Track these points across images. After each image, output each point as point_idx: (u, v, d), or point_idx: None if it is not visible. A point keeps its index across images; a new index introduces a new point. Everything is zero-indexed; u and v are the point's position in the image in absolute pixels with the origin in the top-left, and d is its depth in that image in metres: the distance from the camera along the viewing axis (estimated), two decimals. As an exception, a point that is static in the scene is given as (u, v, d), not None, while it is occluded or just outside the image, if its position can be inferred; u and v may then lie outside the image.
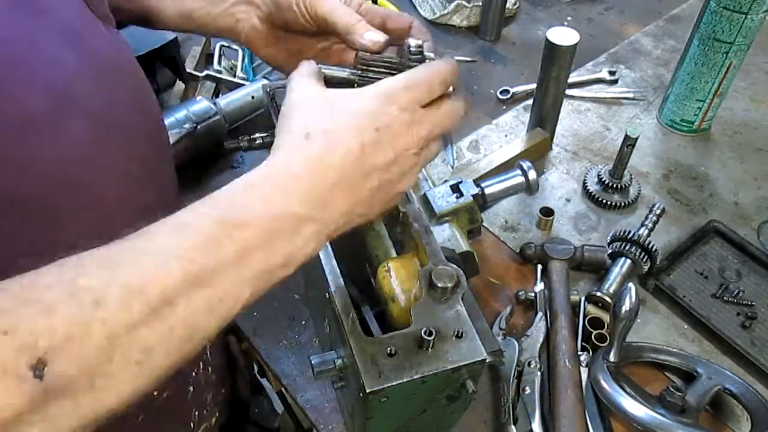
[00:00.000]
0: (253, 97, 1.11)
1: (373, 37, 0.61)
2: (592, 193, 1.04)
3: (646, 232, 0.94)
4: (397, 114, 0.52)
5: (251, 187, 0.48)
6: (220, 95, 1.16)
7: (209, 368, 0.77)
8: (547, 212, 1.00)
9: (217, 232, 0.45)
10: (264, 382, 1.22)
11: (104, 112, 0.58)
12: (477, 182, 0.88)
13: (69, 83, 0.54)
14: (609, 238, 0.94)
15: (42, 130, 0.51)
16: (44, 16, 0.54)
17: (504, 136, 1.17)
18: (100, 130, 0.57)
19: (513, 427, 0.76)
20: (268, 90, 0.69)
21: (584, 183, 1.06)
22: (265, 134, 0.81)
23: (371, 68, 0.60)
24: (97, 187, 0.57)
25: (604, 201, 1.03)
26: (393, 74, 0.56)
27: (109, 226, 0.50)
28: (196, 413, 0.76)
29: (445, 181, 0.85)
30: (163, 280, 0.42)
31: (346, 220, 0.53)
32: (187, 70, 1.17)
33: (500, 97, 1.24)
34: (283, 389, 0.87)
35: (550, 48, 0.99)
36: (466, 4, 1.36)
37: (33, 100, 0.50)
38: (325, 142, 0.51)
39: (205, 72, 1.18)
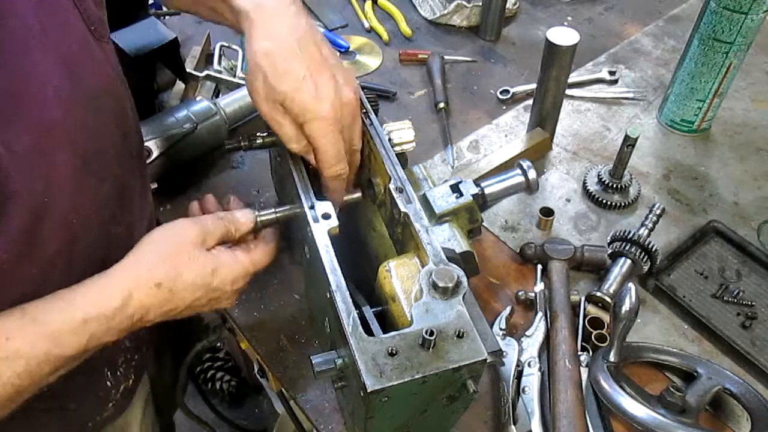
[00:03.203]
0: (253, 97, 1.10)
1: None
2: (592, 193, 1.04)
3: (646, 232, 0.94)
4: (229, 293, 0.71)
5: (84, 324, 0.59)
6: (220, 95, 1.16)
7: None
8: (547, 212, 1.00)
9: (42, 361, 0.57)
10: (264, 382, 1.21)
11: (88, 141, 0.63)
12: (477, 182, 0.88)
13: (62, 118, 0.59)
14: (609, 238, 0.94)
15: (29, 165, 0.57)
16: (50, 46, 0.58)
17: (504, 136, 1.17)
18: (83, 159, 0.63)
19: (513, 427, 0.76)
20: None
21: (584, 183, 1.06)
22: (265, 134, 0.81)
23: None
24: (76, 211, 0.64)
25: (604, 201, 1.03)
26: None
27: (80, 243, 0.63)
28: (108, 372, 0.81)
29: (445, 181, 0.85)
30: None
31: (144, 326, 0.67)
32: (187, 70, 1.17)
33: (500, 97, 1.24)
34: (283, 389, 0.87)
35: (550, 48, 0.99)
36: (466, 4, 1.36)
37: (25, 134, 0.55)
38: (169, 296, 0.65)
39: (205, 72, 1.18)
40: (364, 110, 0.80)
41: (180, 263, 0.65)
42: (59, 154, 0.60)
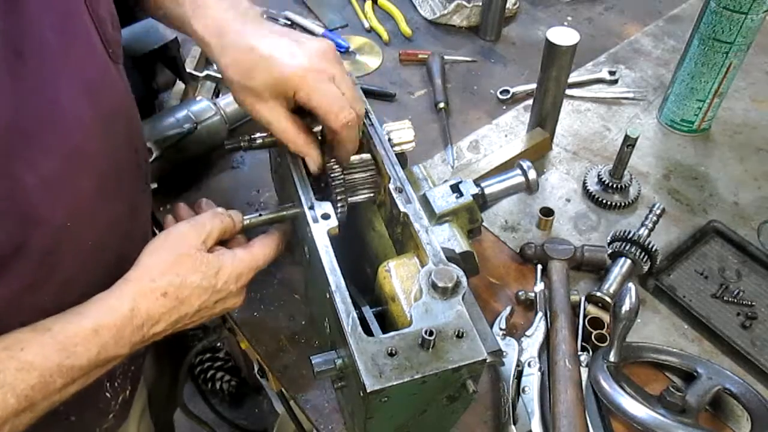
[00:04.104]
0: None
1: (310, 165, 0.74)
2: (592, 193, 1.04)
3: (646, 232, 0.94)
4: (234, 291, 0.70)
5: (95, 335, 0.59)
6: (220, 95, 1.16)
7: None
8: (547, 212, 1.00)
9: (54, 372, 0.56)
10: (264, 382, 1.21)
11: (106, 164, 0.65)
12: (477, 182, 0.88)
13: (84, 143, 0.61)
14: (609, 238, 0.94)
15: (54, 190, 0.58)
16: (72, 71, 0.60)
17: (504, 136, 1.17)
18: (101, 182, 0.65)
19: (513, 427, 0.76)
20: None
21: (584, 183, 1.06)
22: (265, 134, 0.81)
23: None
24: (95, 232, 0.65)
25: (604, 201, 1.03)
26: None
27: (98, 261, 0.64)
28: (107, 384, 0.81)
29: (445, 181, 0.85)
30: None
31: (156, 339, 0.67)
32: (187, 70, 1.17)
33: (500, 97, 1.24)
34: (283, 389, 0.87)
35: (550, 48, 0.99)
36: (466, 4, 1.36)
37: (50, 161, 0.57)
38: (176, 304, 0.65)
39: (205, 72, 1.18)
40: (364, 110, 0.80)
41: (183, 269, 0.66)
42: (81, 179, 0.62)
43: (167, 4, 0.76)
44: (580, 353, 0.82)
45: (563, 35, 0.98)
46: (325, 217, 0.69)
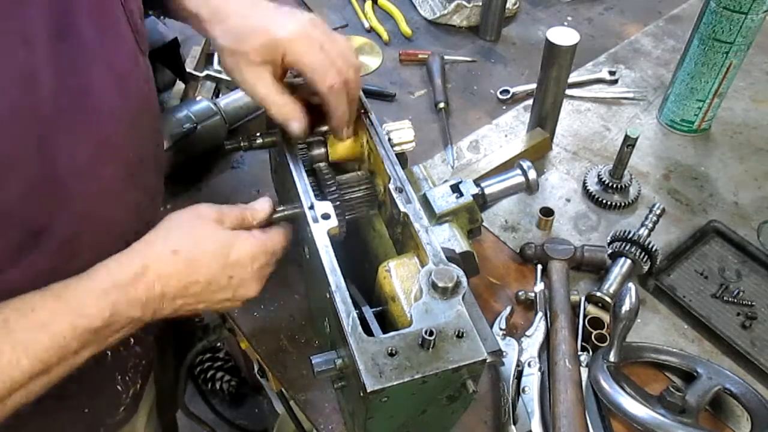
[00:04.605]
0: (253, 97, 1.10)
1: (293, 127, 0.73)
2: (592, 193, 1.04)
3: (646, 232, 0.94)
4: (249, 272, 0.68)
5: (105, 294, 0.58)
6: (220, 95, 1.16)
7: (131, 339, 0.80)
8: (547, 212, 1.00)
9: (68, 335, 0.56)
10: (264, 382, 1.21)
11: (133, 153, 0.67)
12: (477, 182, 0.88)
13: (114, 131, 0.62)
14: (609, 238, 0.94)
15: (83, 175, 0.59)
16: (103, 61, 0.61)
17: (504, 136, 1.17)
18: (128, 171, 0.66)
19: (513, 427, 0.76)
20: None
21: (584, 183, 1.06)
22: (265, 134, 0.81)
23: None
24: (115, 219, 0.66)
25: (604, 201, 1.03)
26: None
27: (116, 249, 0.62)
28: (119, 376, 0.81)
29: (445, 181, 0.85)
30: (12, 374, 0.52)
31: (173, 314, 0.66)
32: (187, 70, 1.17)
33: (500, 97, 1.24)
34: (283, 389, 0.87)
35: (550, 48, 0.99)
36: (466, 4, 1.36)
37: (83, 147, 0.59)
38: (186, 267, 0.63)
39: (205, 72, 1.18)
40: (364, 110, 0.80)
41: (197, 234, 0.66)
42: (109, 166, 0.63)
43: None
44: (580, 353, 0.82)
45: (563, 35, 0.98)
46: (325, 216, 0.69)
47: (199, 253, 0.65)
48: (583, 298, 0.88)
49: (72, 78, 0.57)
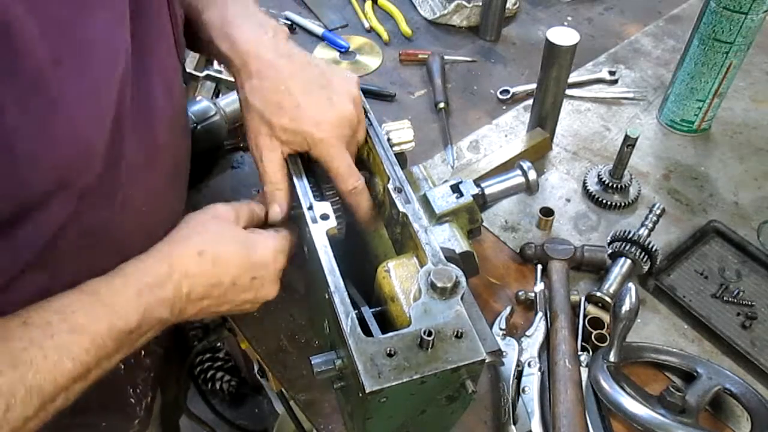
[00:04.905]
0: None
1: (275, 210, 0.75)
2: (592, 193, 1.04)
3: (646, 232, 0.93)
4: (271, 272, 0.70)
5: (138, 296, 0.60)
6: (220, 95, 1.16)
7: (142, 351, 0.81)
8: (547, 212, 1.00)
9: (105, 335, 0.56)
10: (264, 382, 1.21)
11: (176, 158, 0.69)
12: (477, 182, 0.88)
13: (163, 133, 0.64)
14: (609, 238, 0.94)
15: (139, 173, 0.61)
16: (158, 72, 0.63)
17: (504, 136, 1.17)
18: (172, 174, 0.69)
19: (513, 427, 0.76)
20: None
21: (584, 183, 1.06)
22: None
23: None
24: (159, 218, 0.68)
25: (604, 201, 1.03)
26: None
27: (151, 245, 0.65)
28: (130, 389, 0.82)
29: (445, 181, 0.85)
30: (57, 378, 0.52)
31: (196, 315, 0.67)
32: (187, 70, 1.17)
33: (500, 97, 1.24)
34: (283, 389, 0.87)
35: (550, 48, 0.99)
36: (466, 4, 1.36)
37: (141, 152, 0.61)
38: (212, 267, 0.65)
39: (205, 72, 1.18)
40: (364, 110, 0.80)
41: (219, 234, 0.67)
42: (159, 170, 0.65)
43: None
44: (580, 353, 0.82)
45: (563, 35, 0.98)
46: (324, 217, 0.69)
47: (223, 254, 0.66)
48: (583, 298, 0.88)
49: (141, 82, 0.59)
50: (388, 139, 0.79)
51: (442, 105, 1.20)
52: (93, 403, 0.66)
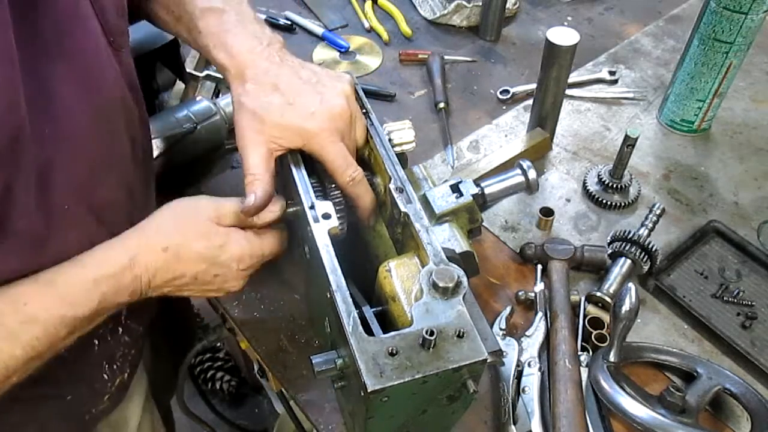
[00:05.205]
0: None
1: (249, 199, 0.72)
2: (592, 193, 1.05)
3: (646, 232, 0.94)
4: (234, 272, 0.71)
5: (96, 285, 0.62)
6: (220, 95, 1.16)
7: (120, 329, 0.82)
8: (547, 212, 1.00)
9: (57, 324, 0.59)
10: (264, 382, 1.21)
11: (101, 153, 0.66)
12: (477, 182, 0.88)
13: (75, 133, 0.62)
14: (609, 238, 0.94)
15: (49, 174, 0.59)
16: (65, 61, 0.60)
17: (504, 136, 1.17)
18: (97, 170, 0.66)
19: (513, 427, 0.76)
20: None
21: (584, 183, 1.06)
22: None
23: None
24: (88, 217, 0.66)
25: (604, 201, 1.03)
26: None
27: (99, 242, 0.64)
28: (106, 365, 0.82)
29: (445, 181, 0.85)
30: (8, 362, 0.56)
31: (160, 295, 0.70)
32: (187, 70, 1.17)
33: (500, 97, 1.24)
34: (283, 389, 0.87)
35: (550, 48, 0.99)
36: (466, 4, 1.36)
37: (44, 150, 0.58)
38: (175, 263, 0.66)
39: (205, 72, 1.18)
40: (365, 110, 0.80)
41: (190, 232, 0.68)
42: (75, 165, 0.63)
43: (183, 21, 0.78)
44: (580, 353, 0.82)
45: (563, 35, 0.98)
46: (326, 216, 0.69)
47: (188, 252, 0.67)
48: (583, 298, 0.88)
49: (36, 82, 0.56)
50: (389, 140, 0.79)
51: (442, 105, 1.20)
52: (61, 376, 0.70)
